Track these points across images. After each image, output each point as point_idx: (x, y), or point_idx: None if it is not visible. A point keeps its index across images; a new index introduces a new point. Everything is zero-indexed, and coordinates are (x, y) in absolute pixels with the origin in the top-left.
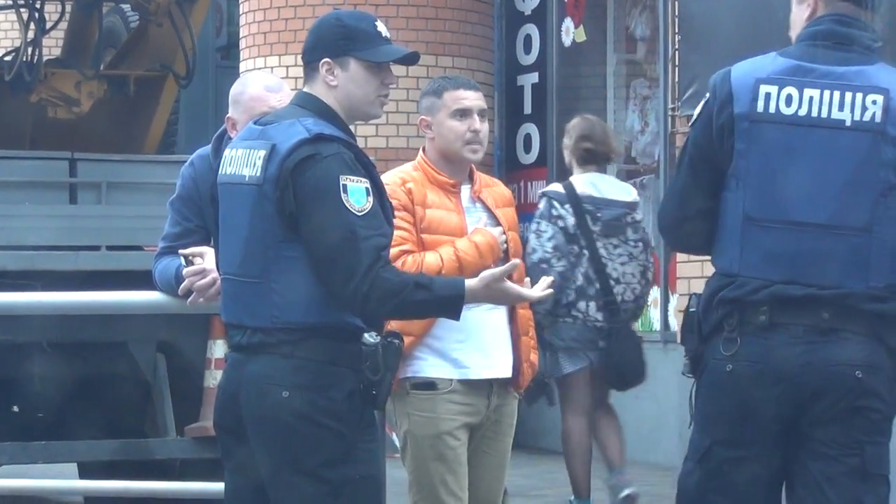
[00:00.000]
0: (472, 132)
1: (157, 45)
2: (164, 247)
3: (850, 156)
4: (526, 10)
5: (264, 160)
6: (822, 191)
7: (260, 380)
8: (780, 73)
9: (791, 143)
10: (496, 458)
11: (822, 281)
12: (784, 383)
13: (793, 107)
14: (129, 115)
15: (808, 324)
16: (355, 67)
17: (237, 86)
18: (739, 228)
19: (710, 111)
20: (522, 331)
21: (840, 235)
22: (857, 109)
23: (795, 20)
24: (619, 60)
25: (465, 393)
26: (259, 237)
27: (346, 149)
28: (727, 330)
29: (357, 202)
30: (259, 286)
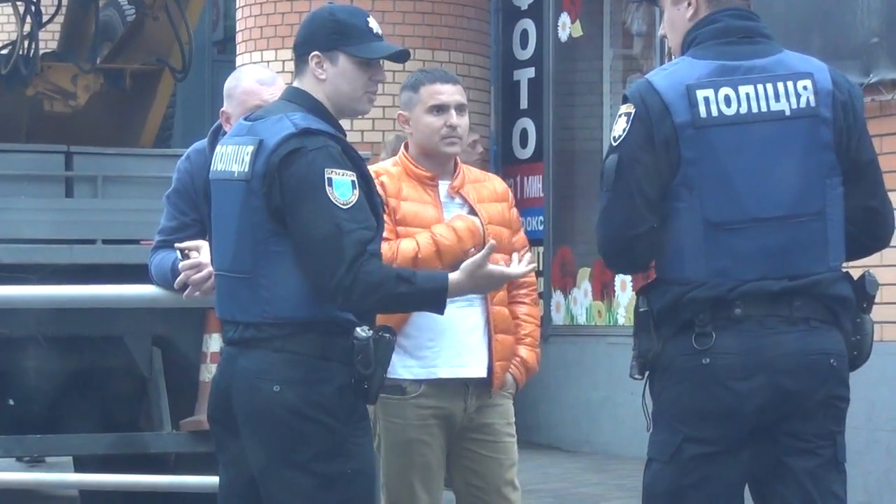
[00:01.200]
0: (449, 127)
1: (153, 39)
2: (161, 241)
3: (796, 144)
4: (522, 5)
5: (252, 156)
6: (778, 183)
7: (251, 374)
8: (709, 75)
9: (740, 142)
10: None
11: (792, 272)
12: (763, 373)
13: (733, 106)
14: (126, 109)
15: (782, 315)
16: (344, 62)
17: (231, 80)
18: (702, 236)
19: (646, 124)
20: (499, 329)
21: (801, 223)
22: (792, 98)
23: (676, 21)
24: (615, 56)
25: (436, 395)
26: (248, 233)
27: (334, 142)
28: (699, 326)
29: (342, 195)
30: (249, 282)
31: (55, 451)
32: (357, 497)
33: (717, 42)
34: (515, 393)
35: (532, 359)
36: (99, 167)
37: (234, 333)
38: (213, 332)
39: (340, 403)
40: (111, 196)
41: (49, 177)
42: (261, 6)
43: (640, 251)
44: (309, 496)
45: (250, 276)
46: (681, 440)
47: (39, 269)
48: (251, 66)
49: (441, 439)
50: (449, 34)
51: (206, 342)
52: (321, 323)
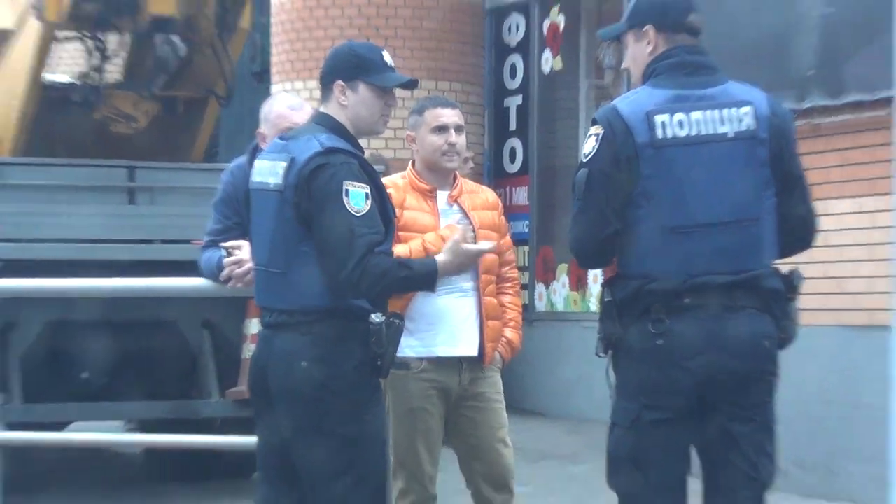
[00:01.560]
0: (449, 144)
1: (201, 72)
2: (208, 241)
3: (737, 160)
4: (512, 43)
5: (285, 170)
6: (722, 194)
7: (284, 353)
8: (665, 102)
9: (691, 160)
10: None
11: (733, 268)
12: (709, 353)
13: (685, 129)
14: (179, 130)
15: (725, 304)
16: (364, 90)
17: (266, 105)
18: (658, 238)
19: (612, 144)
20: (489, 316)
21: (741, 227)
22: (734, 122)
23: (637, 56)
24: (589, 86)
25: (436, 371)
26: (281, 235)
27: (353, 159)
28: (654, 313)
29: (356, 204)
30: (282, 276)
31: (122, 416)
32: (371, 456)
33: (673, 74)
34: (503, 367)
35: (516, 339)
36: (156, 179)
37: (270, 318)
38: (252, 318)
39: (358, 378)
40: (167, 203)
41: (115, 187)
42: (292, 43)
43: (605, 250)
44: (331, 455)
45: (283, 271)
46: (640, 408)
47: (107, 264)
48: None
49: (440, 408)
50: (450, 67)
51: (247, 325)
52: (341, 310)
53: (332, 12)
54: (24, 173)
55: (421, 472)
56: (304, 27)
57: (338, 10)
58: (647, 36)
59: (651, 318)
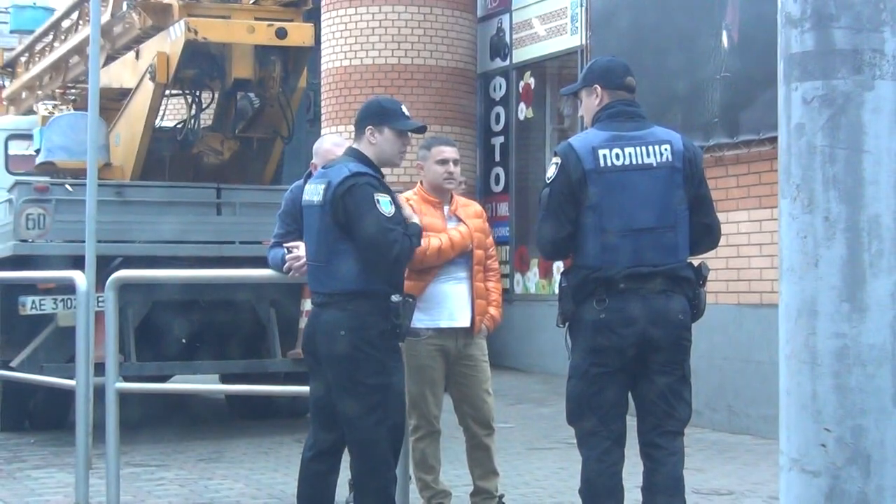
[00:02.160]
0: (448, 173)
1: (270, 118)
2: (274, 242)
3: (660, 183)
4: (496, 98)
5: (324, 191)
6: (648, 207)
7: (327, 324)
8: (606, 140)
9: (624, 182)
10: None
11: (655, 262)
12: (637, 324)
13: (621, 160)
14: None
15: (649, 287)
16: (388, 133)
17: (317, 143)
18: (600, 239)
19: (567, 170)
20: (478, 297)
21: (660, 232)
22: (657, 155)
23: (589, 106)
24: (553, 129)
25: (439, 337)
26: (324, 237)
27: (375, 179)
28: (597, 295)
29: (385, 208)
30: (324, 267)
31: (209, 371)
32: (393, 400)
33: (612, 120)
34: (488, 335)
35: (498, 314)
36: (237, 197)
37: (317, 299)
38: (307, 298)
39: (382, 341)
40: (244, 214)
41: (206, 202)
42: (336, 98)
43: (563, 247)
44: (362, 400)
45: (325, 263)
46: (588, 364)
47: (200, 259)
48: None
49: (442, 364)
50: (451, 115)
51: (303, 304)
52: (369, 292)
53: (365, 76)
54: (140, 192)
55: (429, 412)
56: (345, 86)
57: (370, 75)
58: (596, 92)
59: (596, 298)
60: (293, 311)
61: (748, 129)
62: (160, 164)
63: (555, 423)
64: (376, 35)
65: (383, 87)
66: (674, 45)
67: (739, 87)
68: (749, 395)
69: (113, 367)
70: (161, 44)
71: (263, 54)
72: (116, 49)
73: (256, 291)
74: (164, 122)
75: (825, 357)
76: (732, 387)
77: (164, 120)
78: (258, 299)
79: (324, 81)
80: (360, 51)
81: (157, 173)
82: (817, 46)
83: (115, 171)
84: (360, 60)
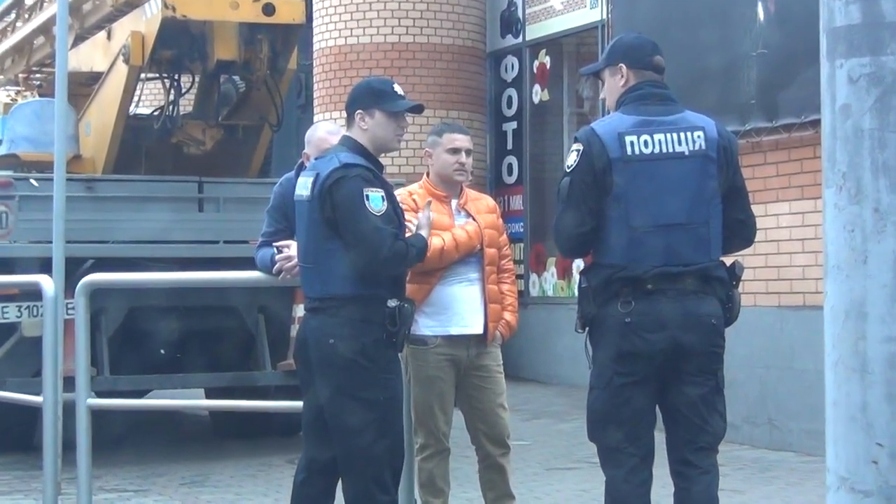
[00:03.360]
0: (460, 164)
1: (257, 104)
2: (262, 241)
3: (692, 173)
4: (508, 79)
5: (312, 184)
6: (679, 200)
7: (317, 331)
8: (634, 126)
9: (654, 172)
10: (492, 391)
11: (685, 261)
12: (667, 328)
13: (650, 147)
14: (238, 152)
15: (679, 288)
16: (379, 116)
17: (309, 131)
18: (626, 235)
19: (590, 158)
20: (491, 301)
21: (692, 228)
22: (690, 143)
23: (611, 88)
24: (571, 113)
25: (448, 346)
26: (312, 236)
27: (367, 171)
28: (623, 296)
29: (375, 206)
30: (313, 269)
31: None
32: (389, 415)
33: (640, 103)
34: (503, 344)
35: (513, 320)
36: (220, 191)
37: (308, 304)
38: (299, 303)
39: (376, 351)
40: (228, 211)
41: (187, 198)
42: (330, 81)
43: (583, 243)
44: (355, 414)
45: (313, 265)
46: (612, 373)
47: (180, 260)
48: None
49: (452, 376)
50: (458, 98)
51: (294, 310)
52: (361, 297)
53: (362, 56)
54: (113, 187)
55: (437, 429)
56: (339, 68)
57: (367, 55)
58: (621, 72)
59: (621, 300)
60: (284, 318)
61: (788, 111)
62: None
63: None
64: (374, 10)
65: (382, 68)
66: (705, 18)
67: (778, 65)
68: (792, 408)
69: (84, 382)
70: (135, 22)
71: (249, 33)
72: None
73: (243, 296)
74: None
75: (876, 364)
76: (773, 398)
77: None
78: (245, 305)
79: (316, 62)
80: (357, 28)
81: (133, 166)
82: (864, 19)
83: (85, 163)
84: (357, 39)
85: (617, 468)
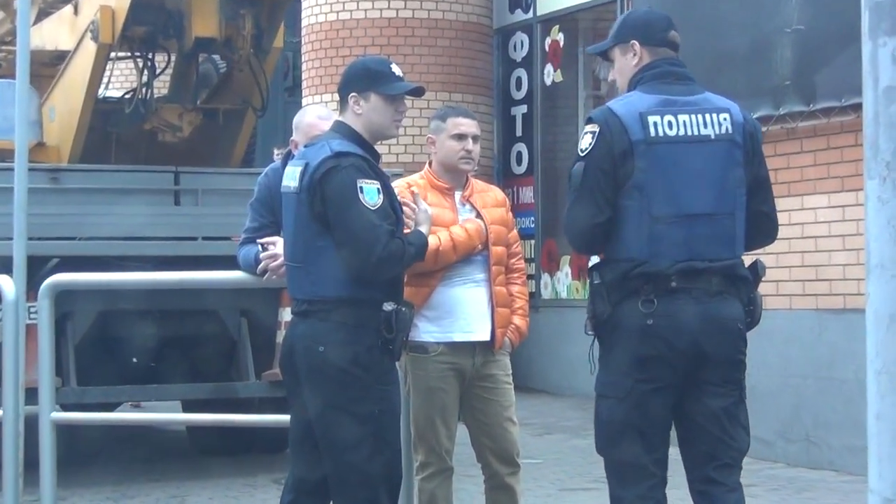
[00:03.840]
0: (466, 151)
1: (239, 86)
2: (246, 237)
3: (718, 159)
4: (517, 58)
5: (300, 174)
6: (704, 188)
7: (305, 338)
8: (656, 105)
9: (678, 157)
10: (500, 403)
11: (711, 256)
12: (690, 332)
13: (674, 129)
14: (219, 138)
15: (703, 287)
16: (375, 99)
17: (298, 116)
18: (647, 227)
19: (608, 140)
20: (499, 304)
21: (717, 220)
22: (716, 126)
23: (624, 67)
24: (587, 96)
25: (451, 353)
26: (300, 232)
27: (362, 161)
28: (644, 294)
29: (370, 199)
30: (301, 269)
31: (168, 397)
32: (384, 430)
33: (659, 82)
34: (512, 351)
35: (524, 326)
36: (199, 182)
37: (296, 307)
38: (285, 306)
39: (370, 360)
40: (208, 204)
41: (162, 190)
42: (320, 61)
43: (598, 236)
44: (348, 430)
45: (302, 264)
46: (633, 381)
47: (154, 259)
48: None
49: (455, 387)
50: (462, 80)
51: (281, 314)
52: (355, 300)
53: (356, 33)
54: (80, 178)
55: (439, 446)
56: (331, 46)
57: (361, 31)
58: (633, 49)
59: (642, 299)
60: (269, 323)
61: (827, 94)
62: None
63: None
64: None
65: (378, 46)
66: None
67: (815, 43)
68: (831, 422)
69: (48, 394)
70: None
71: (230, 7)
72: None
73: (225, 299)
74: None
75: None
76: (811, 411)
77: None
78: (227, 308)
79: (305, 40)
80: (350, 2)
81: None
82: None
83: (49, 152)
84: (350, 14)
85: (632, 486)
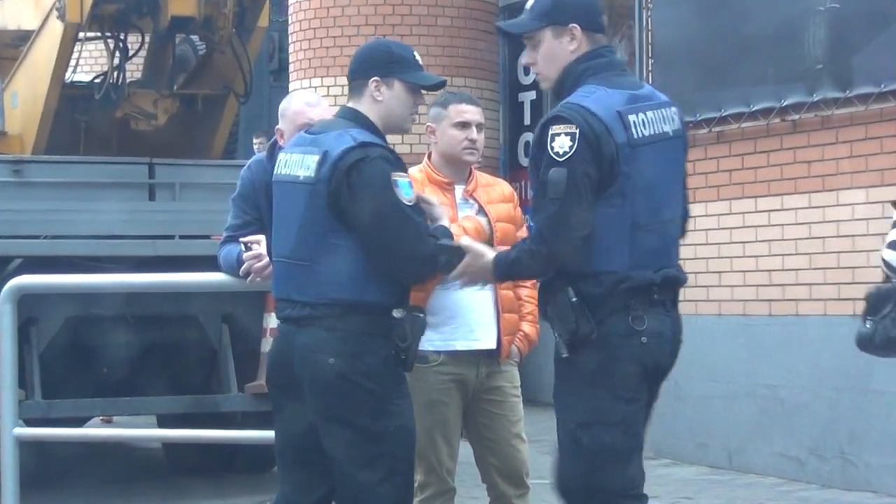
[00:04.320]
0: (469, 141)
1: (220, 69)
2: (227, 236)
3: (678, 158)
4: None
5: (317, 164)
6: (674, 190)
7: (310, 348)
8: (627, 102)
9: (657, 158)
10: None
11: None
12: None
13: (648, 128)
14: (198, 127)
15: (672, 299)
16: (399, 87)
17: (284, 102)
18: (628, 235)
19: (592, 143)
20: (506, 309)
21: (675, 224)
22: (672, 122)
23: (557, 53)
24: None
25: (453, 364)
26: (310, 227)
27: (388, 152)
28: (633, 309)
29: (406, 194)
30: (307, 267)
31: (142, 410)
32: (399, 449)
33: (610, 74)
34: (520, 361)
35: (533, 333)
36: (176, 175)
37: (292, 311)
38: (271, 312)
39: (383, 371)
40: (186, 199)
41: (135, 184)
42: (309, 42)
43: (578, 247)
44: (359, 449)
45: (308, 262)
46: (623, 402)
47: (128, 259)
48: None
49: (458, 400)
50: (465, 63)
51: (266, 319)
52: (365, 305)
53: (348, 11)
54: (46, 171)
55: (440, 465)
56: (321, 26)
57: (354, 9)
58: (572, 34)
59: (631, 315)
60: (253, 330)
61: (865, 78)
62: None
63: None
64: None
65: (373, 25)
66: None
67: (852, 22)
68: (869, 438)
69: (10, 408)
70: None
71: None
72: None
73: (204, 303)
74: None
75: None
76: (846, 427)
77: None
78: (207, 314)
79: (292, 20)
80: None
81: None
82: None
83: (11, 141)
84: None
85: None
